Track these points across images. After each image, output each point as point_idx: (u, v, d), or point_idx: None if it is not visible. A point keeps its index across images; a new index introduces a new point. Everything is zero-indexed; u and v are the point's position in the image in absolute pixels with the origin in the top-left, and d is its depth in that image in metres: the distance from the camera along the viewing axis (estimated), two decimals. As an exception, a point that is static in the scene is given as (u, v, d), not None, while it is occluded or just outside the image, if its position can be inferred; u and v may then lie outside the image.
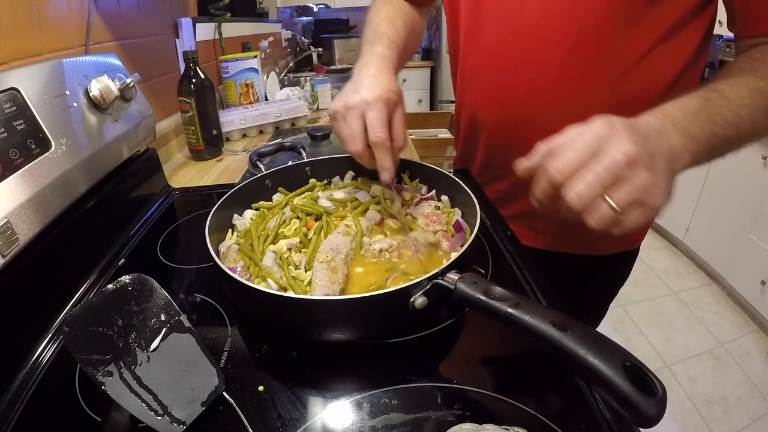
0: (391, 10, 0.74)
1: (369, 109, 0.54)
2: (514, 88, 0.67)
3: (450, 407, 0.40)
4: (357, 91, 0.55)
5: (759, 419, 1.57)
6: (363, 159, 0.56)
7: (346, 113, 0.55)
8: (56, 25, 0.75)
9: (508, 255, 0.63)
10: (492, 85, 0.70)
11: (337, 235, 0.54)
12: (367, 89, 0.55)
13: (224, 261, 0.54)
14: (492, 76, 0.69)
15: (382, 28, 0.69)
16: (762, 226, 1.91)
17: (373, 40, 0.65)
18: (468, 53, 0.74)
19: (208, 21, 1.45)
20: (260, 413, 0.40)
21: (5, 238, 0.46)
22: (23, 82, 0.54)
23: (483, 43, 0.69)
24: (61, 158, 0.57)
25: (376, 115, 0.54)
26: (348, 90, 0.57)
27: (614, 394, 0.29)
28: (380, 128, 0.53)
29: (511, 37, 0.65)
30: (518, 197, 0.77)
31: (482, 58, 0.71)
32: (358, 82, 0.57)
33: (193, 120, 1.03)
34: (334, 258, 0.50)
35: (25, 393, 0.44)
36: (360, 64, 0.61)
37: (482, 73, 0.72)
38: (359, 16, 3.54)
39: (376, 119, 0.54)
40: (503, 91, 0.68)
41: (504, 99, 0.69)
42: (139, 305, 0.44)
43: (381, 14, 0.73)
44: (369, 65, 0.60)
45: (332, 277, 0.48)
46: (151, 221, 0.77)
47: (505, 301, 0.37)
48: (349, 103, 0.55)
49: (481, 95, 0.74)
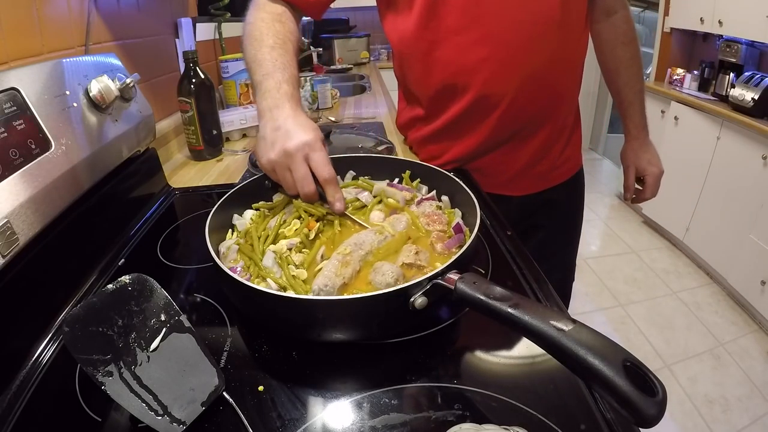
0: (281, 30, 0.70)
1: (312, 151, 0.56)
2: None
3: (450, 407, 0.40)
4: (289, 136, 0.56)
5: (759, 419, 1.57)
6: (314, 198, 0.57)
7: (290, 161, 0.56)
8: (56, 25, 0.75)
9: (508, 255, 0.63)
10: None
11: (369, 232, 0.55)
12: (301, 132, 0.56)
13: (224, 261, 0.54)
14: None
15: (278, 58, 0.65)
16: (762, 226, 1.91)
17: (274, 73, 0.63)
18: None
19: (208, 21, 1.45)
20: (260, 413, 0.40)
21: (5, 238, 0.46)
22: (23, 82, 0.54)
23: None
24: (61, 158, 0.57)
25: (321, 154, 0.56)
26: (275, 137, 0.56)
27: (614, 394, 0.29)
28: (329, 166, 0.56)
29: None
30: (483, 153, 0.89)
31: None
32: (281, 127, 0.57)
33: (193, 120, 1.03)
34: (352, 252, 0.51)
35: (25, 393, 0.44)
36: (269, 105, 0.59)
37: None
38: (359, 16, 3.54)
39: (322, 158, 0.56)
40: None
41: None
42: (139, 305, 0.44)
43: (271, 35, 0.68)
44: (281, 108, 0.59)
45: (340, 270, 0.48)
46: (151, 221, 0.77)
47: (504, 301, 0.37)
48: (289, 149, 0.55)
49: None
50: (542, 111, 0.83)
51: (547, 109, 0.83)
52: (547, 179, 0.92)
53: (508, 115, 0.80)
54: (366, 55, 3.09)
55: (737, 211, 2.05)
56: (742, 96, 2.01)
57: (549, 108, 0.83)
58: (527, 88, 0.77)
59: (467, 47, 0.75)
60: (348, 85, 2.35)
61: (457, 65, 0.77)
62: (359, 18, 3.54)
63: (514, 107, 0.79)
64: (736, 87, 2.08)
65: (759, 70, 2.15)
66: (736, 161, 2.05)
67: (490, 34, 0.74)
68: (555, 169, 0.92)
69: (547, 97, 0.81)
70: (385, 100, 1.83)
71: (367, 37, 3.09)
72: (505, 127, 0.82)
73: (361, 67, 2.96)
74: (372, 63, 3.14)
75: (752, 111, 1.96)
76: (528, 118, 0.82)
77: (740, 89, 2.04)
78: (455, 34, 0.75)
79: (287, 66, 0.64)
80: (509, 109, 0.79)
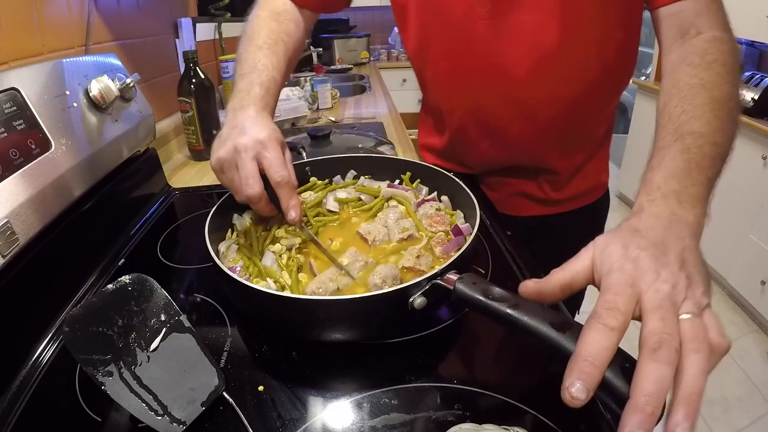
0: (276, 29, 0.68)
1: (264, 149, 0.51)
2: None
3: (450, 407, 0.40)
4: (243, 132, 0.51)
5: (759, 419, 1.57)
6: (260, 204, 0.52)
7: (238, 157, 0.51)
8: (56, 25, 0.75)
9: (508, 255, 0.63)
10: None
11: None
12: (255, 130, 0.52)
13: (224, 260, 0.54)
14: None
15: (262, 57, 0.62)
16: (762, 226, 1.91)
17: (251, 74, 0.60)
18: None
19: (208, 21, 1.45)
20: (260, 413, 0.40)
21: (5, 238, 0.46)
22: (23, 82, 0.54)
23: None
24: (61, 158, 0.57)
25: (275, 154, 0.51)
26: (228, 135, 0.52)
27: (613, 396, 0.29)
28: (282, 167, 0.51)
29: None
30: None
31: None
32: (238, 125, 0.53)
33: (193, 120, 1.03)
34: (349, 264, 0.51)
35: (25, 393, 0.44)
36: (234, 106, 0.56)
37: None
38: (359, 16, 3.54)
39: (275, 158, 0.51)
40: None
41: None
42: (139, 305, 0.44)
43: (263, 34, 0.66)
44: (245, 109, 0.55)
45: (335, 276, 0.49)
46: (151, 221, 0.77)
47: (504, 301, 0.37)
48: (239, 145, 0.50)
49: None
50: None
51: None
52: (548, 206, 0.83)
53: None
54: (366, 55, 3.09)
55: (737, 211, 2.04)
56: (742, 96, 2.01)
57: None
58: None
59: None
60: (348, 85, 2.35)
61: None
62: (359, 18, 3.54)
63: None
64: (736, 87, 2.08)
65: (759, 70, 2.15)
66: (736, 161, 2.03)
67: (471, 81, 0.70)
68: (557, 200, 0.82)
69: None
70: (385, 100, 1.83)
71: (367, 37, 3.09)
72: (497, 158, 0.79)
73: (361, 67, 2.96)
74: (372, 63, 3.14)
75: (752, 111, 1.96)
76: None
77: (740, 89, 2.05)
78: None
79: (267, 68, 0.61)
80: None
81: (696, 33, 0.53)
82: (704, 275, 0.34)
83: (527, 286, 0.37)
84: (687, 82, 0.48)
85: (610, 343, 0.29)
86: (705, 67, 0.49)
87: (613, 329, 0.30)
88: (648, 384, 0.27)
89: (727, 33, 0.53)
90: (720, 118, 0.45)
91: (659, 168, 0.41)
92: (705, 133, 0.43)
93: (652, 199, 0.39)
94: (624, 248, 0.34)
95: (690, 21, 0.53)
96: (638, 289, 0.31)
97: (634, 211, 0.40)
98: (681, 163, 0.41)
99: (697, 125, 0.44)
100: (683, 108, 0.46)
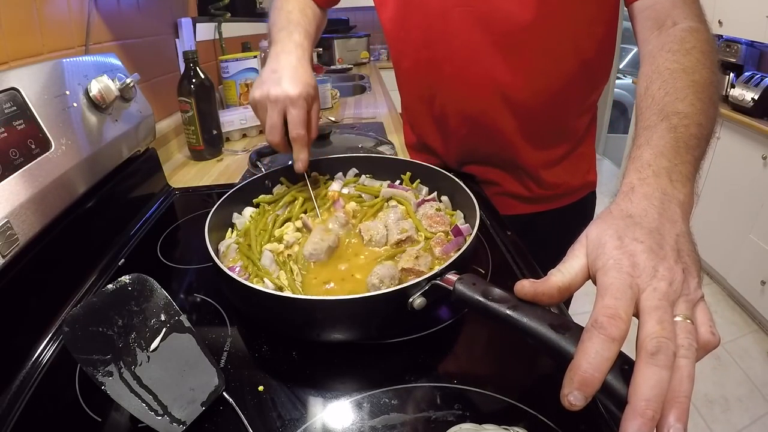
0: (302, 1, 0.75)
1: (291, 106, 0.58)
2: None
3: (450, 407, 0.40)
4: (278, 83, 0.58)
5: (759, 419, 1.57)
6: (279, 148, 0.61)
7: (269, 105, 0.58)
8: (56, 25, 0.75)
9: (508, 255, 0.63)
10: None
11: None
12: (289, 83, 0.58)
13: (224, 260, 0.54)
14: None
15: (295, 16, 0.70)
16: (762, 226, 1.91)
17: (288, 27, 0.67)
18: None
19: (208, 21, 1.45)
20: (260, 413, 0.40)
21: (5, 238, 0.46)
22: (23, 82, 0.54)
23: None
24: (61, 158, 0.57)
25: (298, 112, 0.58)
26: (269, 79, 0.59)
27: (612, 398, 0.29)
28: (301, 126, 0.58)
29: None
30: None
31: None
32: (278, 70, 0.59)
33: (193, 120, 1.03)
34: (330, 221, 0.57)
35: (25, 393, 0.44)
36: (278, 50, 0.63)
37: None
38: (359, 16, 3.53)
39: (297, 117, 0.58)
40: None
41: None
42: (139, 305, 0.44)
43: (293, 2, 0.73)
44: (289, 54, 0.62)
45: (324, 236, 0.54)
46: (151, 221, 0.77)
47: (503, 302, 0.37)
48: (271, 96, 0.58)
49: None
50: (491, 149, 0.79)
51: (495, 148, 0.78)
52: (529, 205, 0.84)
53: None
54: (366, 55, 3.09)
55: (737, 211, 2.05)
56: (742, 96, 2.01)
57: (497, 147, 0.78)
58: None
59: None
60: (348, 85, 2.35)
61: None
62: (359, 18, 3.54)
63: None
64: (736, 87, 2.08)
65: (759, 70, 2.15)
66: (736, 161, 2.05)
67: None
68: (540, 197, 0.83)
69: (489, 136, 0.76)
70: (385, 100, 1.83)
71: (367, 37, 3.09)
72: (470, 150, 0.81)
73: (361, 67, 2.96)
74: (372, 63, 3.14)
75: (752, 111, 1.96)
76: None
77: (740, 89, 2.04)
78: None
79: (301, 23, 0.68)
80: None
81: (672, 24, 0.54)
82: (697, 262, 0.34)
83: (523, 286, 0.36)
84: (668, 67, 0.48)
85: (611, 354, 0.29)
86: (684, 53, 0.49)
87: (614, 340, 0.29)
88: (647, 388, 0.27)
89: (703, 24, 0.54)
90: (702, 101, 0.45)
91: (648, 146, 0.41)
92: (690, 114, 0.43)
93: (643, 178, 0.38)
94: (619, 240, 0.33)
95: (666, 13, 0.55)
96: (636, 289, 0.31)
97: (623, 190, 0.39)
98: (669, 141, 0.41)
99: (681, 106, 0.44)
100: (666, 90, 0.46)
